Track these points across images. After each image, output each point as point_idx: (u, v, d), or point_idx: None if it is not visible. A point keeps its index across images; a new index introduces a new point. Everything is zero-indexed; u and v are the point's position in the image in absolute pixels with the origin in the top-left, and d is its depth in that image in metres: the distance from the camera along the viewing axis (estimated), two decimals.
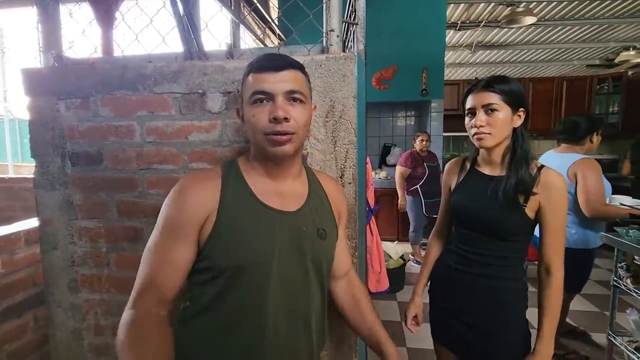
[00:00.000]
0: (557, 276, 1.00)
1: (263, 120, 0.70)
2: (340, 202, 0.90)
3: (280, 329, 0.73)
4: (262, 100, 0.70)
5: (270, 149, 0.71)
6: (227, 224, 0.71)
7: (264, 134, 0.71)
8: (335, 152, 1.01)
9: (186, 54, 1.11)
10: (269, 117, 0.69)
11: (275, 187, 0.78)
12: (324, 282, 0.82)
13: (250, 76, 0.72)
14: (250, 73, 0.73)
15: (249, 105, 0.72)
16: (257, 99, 0.71)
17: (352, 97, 0.99)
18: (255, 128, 0.71)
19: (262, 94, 0.70)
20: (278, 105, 0.70)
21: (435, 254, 1.24)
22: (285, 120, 0.70)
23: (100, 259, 1.15)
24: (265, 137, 0.71)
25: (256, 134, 0.72)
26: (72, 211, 1.14)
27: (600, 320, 2.57)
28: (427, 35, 4.06)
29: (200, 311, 0.71)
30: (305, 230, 0.77)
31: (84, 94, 1.09)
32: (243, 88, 0.75)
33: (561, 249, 1.01)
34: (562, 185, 0.99)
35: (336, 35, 1.01)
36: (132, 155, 1.09)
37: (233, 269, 0.70)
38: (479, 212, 1.05)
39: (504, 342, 1.04)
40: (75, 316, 1.18)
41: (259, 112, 0.70)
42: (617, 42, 5.33)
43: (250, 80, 0.72)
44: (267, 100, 0.70)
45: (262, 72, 0.71)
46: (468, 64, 6.50)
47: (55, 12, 1.15)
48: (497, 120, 0.99)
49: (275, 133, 0.70)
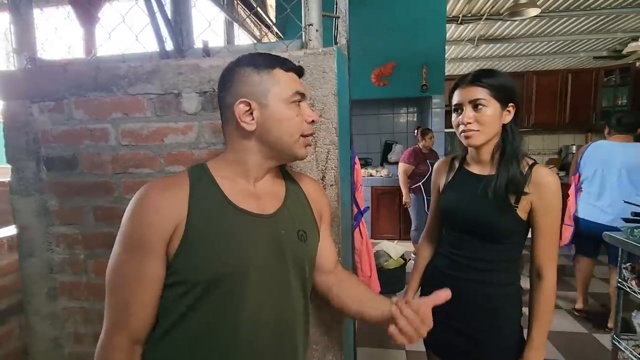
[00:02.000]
0: (548, 280, 0.95)
1: (302, 121, 0.71)
2: (320, 202, 0.85)
3: (262, 339, 0.68)
4: (299, 101, 0.71)
5: (303, 151, 0.73)
6: (197, 233, 0.65)
7: (302, 136, 0.72)
8: (315, 153, 0.96)
9: (162, 53, 1.07)
10: (307, 120, 0.72)
11: (250, 189, 0.73)
12: (307, 286, 0.78)
13: (280, 72, 0.69)
14: (275, 67, 0.69)
15: (285, 104, 0.69)
16: (296, 100, 0.71)
17: (332, 94, 0.94)
18: (296, 128, 0.70)
19: (302, 96, 0.72)
20: (310, 108, 0.74)
21: (426, 257, 1.18)
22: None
23: (79, 266, 1.12)
24: (302, 139, 0.72)
25: (292, 135, 0.70)
26: (48, 217, 1.11)
27: None
28: (427, 31, 3.98)
29: (168, 329, 0.66)
30: (284, 234, 0.72)
31: (58, 97, 1.06)
32: (265, 81, 0.68)
33: (554, 253, 0.96)
34: (555, 184, 0.92)
35: (315, 30, 0.96)
36: (108, 159, 1.06)
37: (206, 282, 0.64)
38: (468, 214, 1.00)
39: (496, 350, 0.98)
40: (55, 324, 1.15)
41: (299, 112, 0.71)
42: (625, 33, 5.18)
43: (281, 76, 0.69)
44: (300, 102, 0.72)
45: (295, 73, 0.73)
46: (471, 58, 6.39)
47: (28, 13, 1.11)
48: (485, 117, 0.93)
49: (310, 135, 0.74)
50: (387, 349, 2.27)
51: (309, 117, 0.72)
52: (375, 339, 2.32)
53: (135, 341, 0.65)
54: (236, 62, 0.72)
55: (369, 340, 2.31)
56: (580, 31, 5.15)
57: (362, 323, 0.93)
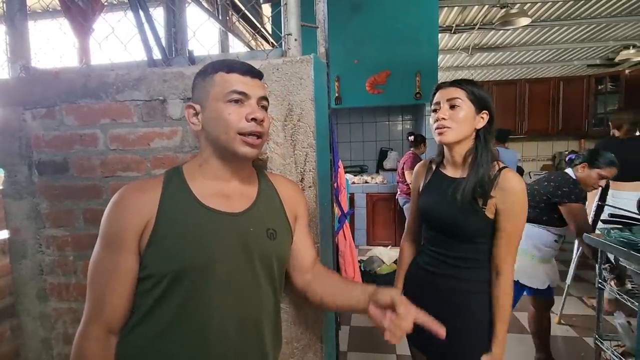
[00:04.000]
0: (505, 277, 0.99)
1: (239, 119, 0.71)
2: (295, 203, 0.89)
3: (228, 333, 0.72)
4: (237, 100, 0.72)
5: (242, 149, 0.72)
6: (165, 229, 0.70)
7: (239, 134, 0.71)
8: (294, 155, 1.00)
9: (149, 61, 1.12)
10: (247, 117, 0.71)
11: (221, 189, 0.77)
12: (276, 283, 0.81)
13: (221, 75, 0.73)
14: (218, 72, 0.73)
15: (222, 103, 0.72)
16: (235, 98, 0.71)
17: (309, 100, 0.98)
18: (229, 126, 0.71)
19: (241, 94, 0.72)
20: (255, 108, 0.73)
21: (408, 255, 1.22)
22: (261, 122, 0.72)
23: (68, 268, 1.15)
24: (239, 136, 0.71)
25: (228, 132, 0.71)
26: (39, 220, 1.15)
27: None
28: (420, 39, 4.05)
29: (139, 321, 0.71)
30: (253, 231, 0.76)
31: (49, 104, 1.11)
32: (206, 85, 0.74)
33: (512, 254, 1.00)
34: (520, 189, 0.97)
35: (294, 39, 1.01)
36: (97, 163, 1.10)
37: (172, 275, 0.69)
38: (441, 214, 1.05)
39: (468, 344, 1.01)
40: (45, 325, 1.18)
41: (234, 110, 0.71)
42: (617, 41, 5.26)
43: (222, 78, 0.72)
44: (242, 101, 0.72)
45: (240, 74, 0.73)
46: (466, 66, 6.47)
47: (23, 25, 1.16)
48: (459, 116, 0.99)
49: (252, 133, 0.72)
50: (378, 353, 2.28)
51: (248, 115, 0.71)
52: (366, 343, 2.33)
53: (110, 331, 0.70)
54: (197, 72, 0.78)
55: (361, 345, 2.32)
56: (573, 40, 5.23)
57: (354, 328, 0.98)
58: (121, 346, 0.71)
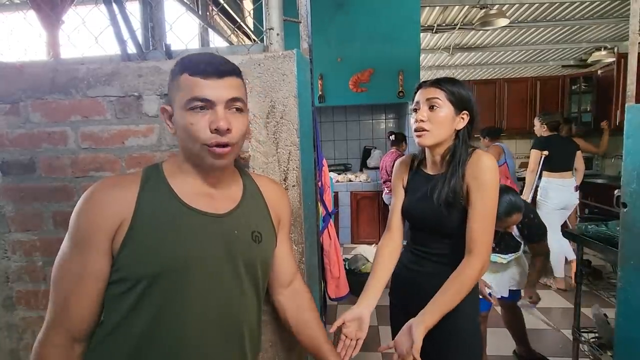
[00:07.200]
0: (476, 258, 0.92)
1: (202, 130, 0.64)
2: (280, 207, 0.85)
3: (207, 337, 0.68)
4: (201, 107, 0.64)
5: (210, 160, 0.67)
6: (142, 229, 0.65)
7: (203, 145, 0.65)
8: (277, 154, 0.97)
9: (123, 55, 1.06)
10: (211, 128, 0.64)
11: (204, 189, 0.73)
12: (259, 287, 0.78)
13: (185, 77, 0.65)
14: (183, 73, 0.65)
15: (183, 111, 0.65)
16: (196, 106, 0.64)
17: (292, 96, 0.95)
18: (192, 137, 0.65)
19: (202, 101, 0.64)
20: (220, 116, 0.64)
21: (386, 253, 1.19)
22: (227, 132, 0.64)
23: (37, 274, 1.08)
24: (205, 148, 0.65)
25: (194, 144, 0.65)
26: (4, 224, 1.07)
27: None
28: (402, 38, 4.07)
29: (111, 330, 0.66)
30: (237, 234, 0.73)
31: (14, 99, 1.03)
32: (174, 88, 0.68)
33: (486, 236, 0.94)
34: (490, 164, 0.96)
35: (276, 34, 0.98)
36: (67, 163, 1.04)
37: (149, 278, 0.64)
38: (422, 212, 1.05)
39: (452, 345, 1.01)
40: (12, 336, 1.11)
41: (197, 120, 0.64)
42: (589, 43, 5.46)
43: (185, 81, 0.65)
44: (207, 107, 0.64)
45: (203, 77, 0.64)
46: (447, 66, 6.58)
47: None
48: (438, 117, 0.98)
49: (217, 145, 0.65)
50: (363, 352, 2.27)
51: (212, 125, 0.64)
52: None
53: (74, 338, 0.65)
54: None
55: None
56: (548, 41, 5.40)
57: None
58: (91, 357, 0.66)
